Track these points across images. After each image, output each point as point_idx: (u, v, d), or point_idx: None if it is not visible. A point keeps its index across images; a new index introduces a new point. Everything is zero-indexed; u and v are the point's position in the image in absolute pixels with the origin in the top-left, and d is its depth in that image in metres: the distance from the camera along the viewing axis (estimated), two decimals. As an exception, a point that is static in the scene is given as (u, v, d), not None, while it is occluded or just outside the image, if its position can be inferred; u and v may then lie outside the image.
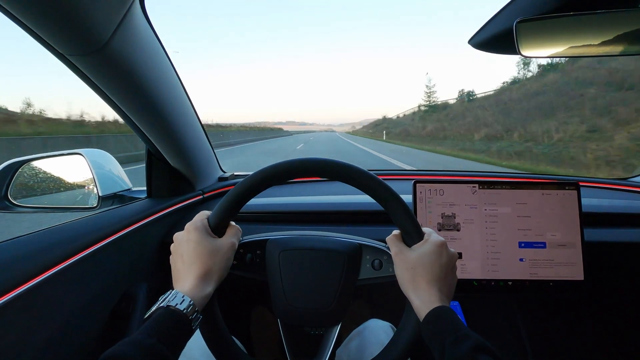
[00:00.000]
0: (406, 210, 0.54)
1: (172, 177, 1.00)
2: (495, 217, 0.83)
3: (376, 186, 0.54)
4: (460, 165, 11.47)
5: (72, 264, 0.64)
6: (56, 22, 0.50)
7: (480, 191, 0.84)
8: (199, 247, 0.51)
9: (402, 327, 0.55)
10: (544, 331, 1.15)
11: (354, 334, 0.77)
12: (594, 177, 1.29)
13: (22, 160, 0.91)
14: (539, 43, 0.67)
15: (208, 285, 0.51)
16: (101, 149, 0.98)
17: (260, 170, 0.55)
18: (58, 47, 0.55)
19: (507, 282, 0.82)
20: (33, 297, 0.57)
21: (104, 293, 0.74)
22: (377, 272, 0.62)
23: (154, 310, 0.45)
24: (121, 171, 1.00)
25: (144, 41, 0.68)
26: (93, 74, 0.63)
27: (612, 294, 1.12)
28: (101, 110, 21.33)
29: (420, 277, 0.51)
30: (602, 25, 0.64)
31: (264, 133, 46.53)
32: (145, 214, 0.86)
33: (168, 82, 0.80)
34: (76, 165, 0.93)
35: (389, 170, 1.39)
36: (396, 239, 0.56)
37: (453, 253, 0.54)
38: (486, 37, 0.75)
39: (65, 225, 0.70)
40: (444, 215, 0.84)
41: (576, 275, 0.81)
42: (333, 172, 0.55)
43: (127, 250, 0.80)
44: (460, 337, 0.43)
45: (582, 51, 0.68)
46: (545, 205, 0.83)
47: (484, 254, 0.83)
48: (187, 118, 0.91)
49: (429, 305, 0.48)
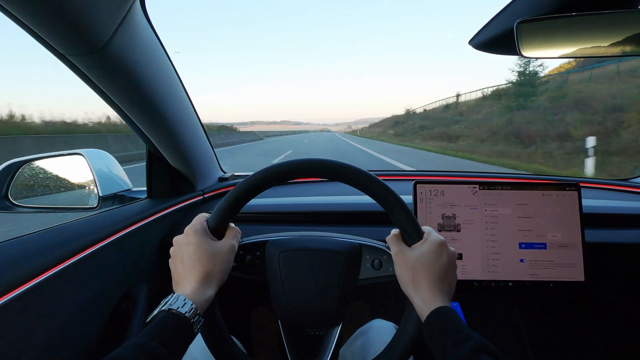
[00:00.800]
0: (405, 209, 0.54)
1: (172, 177, 1.00)
2: (495, 217, 0.83)
3: (376, 186, 0.54)
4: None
5: (73, 264, 0.64)
6: (57, 22, 0.50)
7: (481, 192, 0.84)
8: (199, 250, 0.51)
9: (403, 326, 0.55)
10: (544, 332, 1.15)
11: (357, 334, 0.77)
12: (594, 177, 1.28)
13: (23, 161, 0.91)
14: (540, 44, 0.67)
15: (209, 288, 0.51)
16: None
17: (260, 171, 0.55)
18: (59, 47, 0.55)
19: (508, 283, 0.82)
20: (33, 297, 0.57)
21: (104, 293, 0.74)
22: (377, 271, 0.62)
23: (156, 314, 0.45)
24: (121, 171, 1.00)
25: (145, 41, 0.68)
26: (94, 74, 0.63)
27: (612, 295, 1.12)
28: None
29: (420, 276, 0.51)
30: (602, 26, 0.64)
31: (231, 135, 30.67)
32: (146, 214, 0.86)
33: (168, 82, 0.80)
34: (76, 166, 0.93)
35: (389, 170, 1.39)
36: (396, 239, 0.56)
37: (453, 252, 0.54)
38: (487, 38, 0.75)
39: (65, 225, 0.70)
40: (444, 216, 0.84)
41: (577, 276, 0.81)
42: (333, 172, 0.54)
43: (127, 250, 0.80)
44: (462, 338, 0.43)
45: (582, 52, 0.68)
46: (545, 206, 0.83)
47: (484, 255, 0.83)
48: (187, 118, 0.91)
49: (430, 305, 0.48)
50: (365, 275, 0.62)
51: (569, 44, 0.68)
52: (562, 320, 1.15)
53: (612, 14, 0.61)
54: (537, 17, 0.63)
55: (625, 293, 1.10)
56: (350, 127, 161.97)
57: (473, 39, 0.77)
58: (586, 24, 0.64)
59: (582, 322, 1.15)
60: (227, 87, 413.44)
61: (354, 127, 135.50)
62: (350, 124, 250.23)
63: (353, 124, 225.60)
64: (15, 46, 71.84)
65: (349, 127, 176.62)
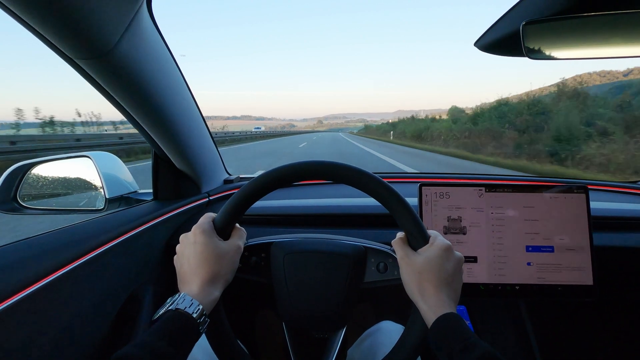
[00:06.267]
0: (411, 213, 0.53)
1: (178, 179, 1.00)
2: (502, 220, 0.82)
3: (381, 189, 0.54)
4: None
5: (80, 265, 0.65)
6: (65, 26, 0.51)
7: (487, 194, 0.83)
8: (205, 250, 0.51)
9: (408, 330, 0.55)
10: (552, 336, 1.13)
11: (365, 335, 0.77)
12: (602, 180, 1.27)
13: (31, 163, 0.93)
14: (546, 45, 0.67)
15: (215, 289, 0.51)
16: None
17: (265, 173, 0.55)
18: (66, 51, 0.56)
19: (514, 287, 0.81)
20: (41, 299, 0.57)
21: (111, 295, 0.75)
22: (382, 275, 0.62)
23: (163, 313, 0.46)
24: (128, 173, 1.01)
25: (151, 44, 0.69)
26: (101, 77, 0.64)
27: (622, 299, 1.10)
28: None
29: (427, 281, 0.50)
30: (609, 27, 0.63)
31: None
32: (152, 216, 0.87)
33: (174, 85, 0.81)
34: (84, 168, 0.95)
35: (394, 173, 1.39)
36: (402, 242, 0.55)
37: (459, 257, 0.53)
38: (493, 39, 0.75)
39: (72, 227, 0.71)
40: (450, 219, 0.83)
41: (585, 280, 0.80)
42: (338, 174, 0.54)
43: (133, 252, 0.81)
44: (469, 346, 0.42)
45: (589, 53, 0.68)
46: (553, 209, 0.82)
47: (490, 258, 0.82)
48: (192, 120, 0.92)
49: (437, 311, 0.48)
50: (371, 279, 0.62)
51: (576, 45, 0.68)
52: (570, 323, 1.14)
53: (619, 14, 0.60)
54: (543, 19, 0.63)
55: (635, 297, 1.08)
56: (322, 123, 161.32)
57: (479, 41, 0.76)
58: (593, 25, 0.63)
59: (590, 325, 1.14)
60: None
61: (324, 123, 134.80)
62: (320, 119, 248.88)
63: (323, 119, 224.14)
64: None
65: (319, 123, 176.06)
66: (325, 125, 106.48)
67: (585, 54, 0.68)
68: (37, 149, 8.75)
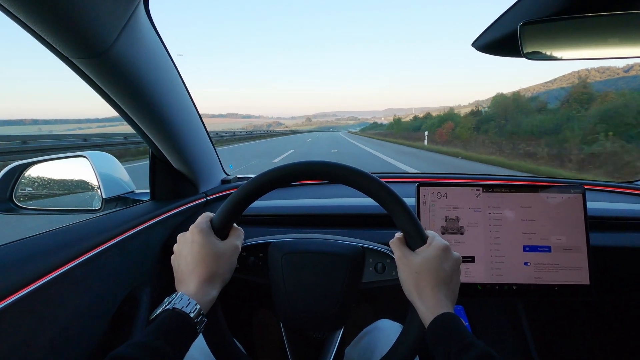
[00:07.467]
0: (409, 213, 0.53)
1: (175, 179, 1.00)
2: (499, 220, 0.83)
3: (379, 189, 0.54)
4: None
5: (76, 266, 0.64)
6: (61, 25, 0.50)
7: (484, 194, 0.83)
8: (203, 250, 0.51)
9: (405, 330, 0.55)
10: (549, 336, 1.13)
11: (363, 333, 0.77)
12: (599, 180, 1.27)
13: (27, 163, 0.92)
14: (543, 45, 0.67)
15: (212, 289, 0.51)
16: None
17: (263, 173, 0.55)
18: (63, 50, 0.56)
19: (512, 286, 0.81)
20: (37, 299, 0.57)
21: (108, 295, 0.74)
22: (380, 275, 0.62)
23: (160, 312, 0.45)
24: (124, 173, 1.01)
25: (148, 44, 0.68)
26: (97, 76, 0.64)
27: (619, 299, 1.11)
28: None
29: (424, 282, 0.50)
30: (607, 28, 0.64)
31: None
32: (149, 217, 0.86)
33: (171, 85, 0.80)
34: (80, 168, 0.94)
35: (392, 173, 1.39)
36: (399, 243, 0.55)
37: (457, 257, 0.53)
38: (490, 40, 0.75)
39: (69, 227, 0.71)
40: (448, 219, 0.84)
41: (582, 280, 0.80)
42: (336, 175, 0.54)
43: (130, 252, 0.80)
44: (466, 346, 0.42)
45: (586, 54, 0.68)
46: (550, 209, 0.82)
47: (488, 258, 0.82)
48: (190, 120, 0.92)
49: (434, 311, 0.48)
50: (368, 279, 0.62)
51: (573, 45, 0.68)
52: (567, 323, 1.14)
53: (616, 15, 0.61)
54: (541, 19, 0.63)
55: (632, 297, 1.09)
56: (310, 120, 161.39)
57: (476, 41, 0.77)
58: (590, 26, 0.63)
59: (587, 324, 1.14)
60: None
61: (313, 120, 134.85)
62: (309, 117, 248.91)
63: (312, 117, 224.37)
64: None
65: (308, 120, 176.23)
66: (314, 123, 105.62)
67: (582, 55, 0.68)
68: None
